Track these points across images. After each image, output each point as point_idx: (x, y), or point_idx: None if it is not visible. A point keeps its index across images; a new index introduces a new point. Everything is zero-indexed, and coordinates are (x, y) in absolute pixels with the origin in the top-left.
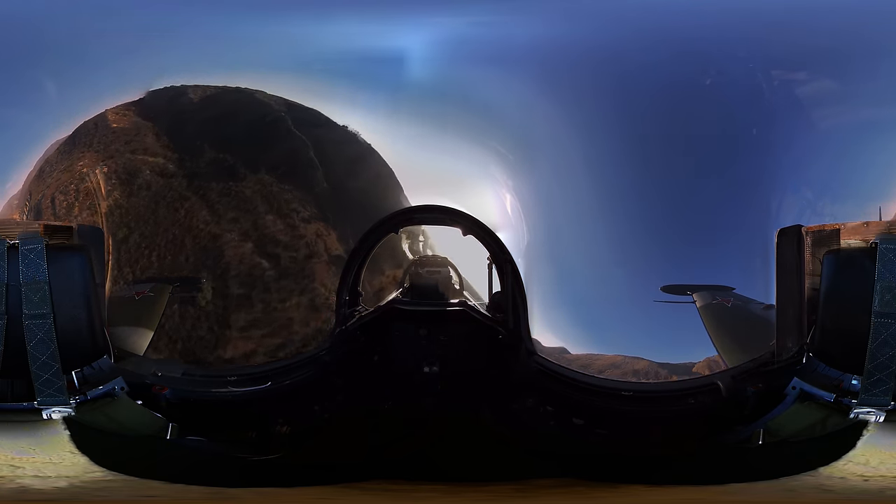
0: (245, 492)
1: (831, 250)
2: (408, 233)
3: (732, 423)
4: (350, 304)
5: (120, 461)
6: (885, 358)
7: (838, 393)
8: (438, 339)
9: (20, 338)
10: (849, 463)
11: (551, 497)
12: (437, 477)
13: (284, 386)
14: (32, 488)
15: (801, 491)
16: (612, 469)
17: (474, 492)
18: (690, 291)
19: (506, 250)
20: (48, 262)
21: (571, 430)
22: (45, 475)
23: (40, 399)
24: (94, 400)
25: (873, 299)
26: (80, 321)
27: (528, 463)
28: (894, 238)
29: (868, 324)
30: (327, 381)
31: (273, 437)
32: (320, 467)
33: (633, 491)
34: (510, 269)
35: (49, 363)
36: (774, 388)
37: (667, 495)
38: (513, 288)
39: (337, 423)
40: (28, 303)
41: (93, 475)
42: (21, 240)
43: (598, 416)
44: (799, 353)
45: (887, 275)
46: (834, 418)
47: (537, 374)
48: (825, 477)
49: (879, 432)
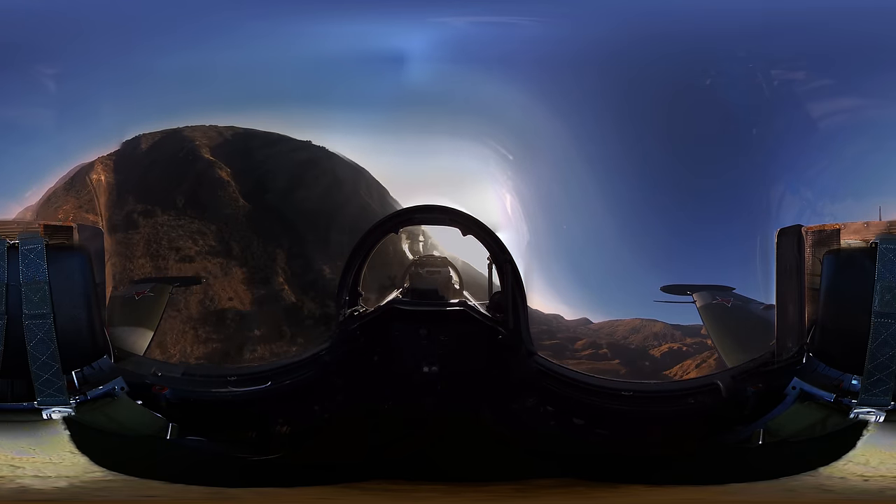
0: (245, 492)
1: (831, 250)
2: (408, 233)
3: (732, 423)
4: (350, 304)
5: (120, 461)
6: (885, 358)
7: (838, 393)
8: (438, 338)
9: (20, 338)
10: (849, 463)
11: (551, 497)
12: (437, 477)
13: (284, 386)
14: (32, 488)
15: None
16: (612, 469)
17: (474, 492)
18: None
19: (506, 250)
20: (48, 262)
21: (571, 430)
22: (45, 475)
23: (40, 399)
24: (94, 400)
25: (873, 299)
26: (80, 321)
27: (528, 463)
28: (894, 238)
29: (868, 324)
30: (327, 381)
31: (273, 437)
32: (320, 467)
33: (633, 491)
34: (510, 269)
35: (49, 363)
36: (774, 388)
37: (667, 495)
38: (513, 288)
39: (337, 423)
40: (28, 303)
41: (93, 475)
42: (21, 240)
43: (598, 416)
44: (799, 353)
45: (887, 275)
46: (834, 418)
47: (537, 374)
48: (825, 477)
49: (879, 432)
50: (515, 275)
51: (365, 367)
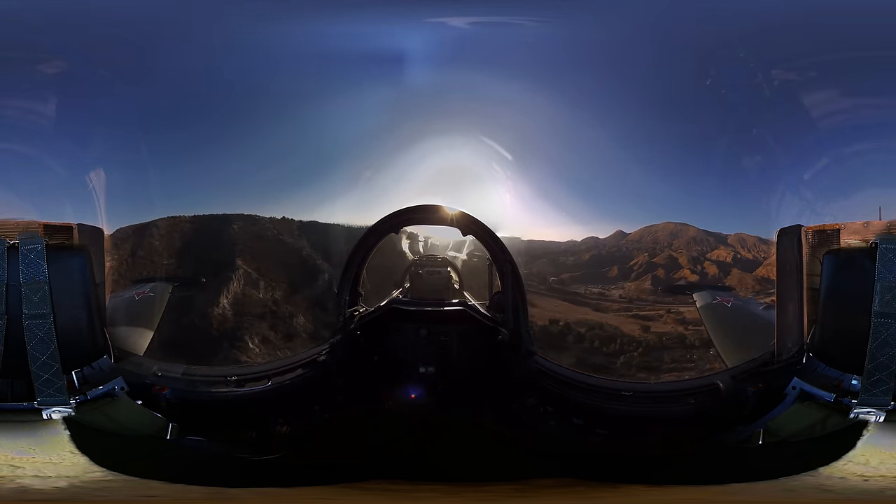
0: (245, 492)
1: (831, 250)
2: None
3: (732, 423)
4: (350, 304)
5: (120, 461)
6: (885, 358)
7: (838, 393)
8: (438, 338)
9: (20, 338)
10: (849, 463)
11: (551, 497)
12: (437, 477)
13: (284, 386)
14: (32, 488)
15: (801, 491)
16: (612, 469)
17: (474, 492)
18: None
19: (506, 250)
20: (48, 262)
21: (571, 430)
22: (45, 475)
23: (40, 399)
24: (94, 400)
25: (873, 299)
26: (80, 321)
27: (528, 463)
28: (894, 238)
29: (868, 324)
30: (327, 381)
31: (273, 437)
32: (320, 467)
33: (633, 491)
34: (510, 270)
35: (49, 363)
36: (774, 388)
37: (667, 495)
38: (513, 288)
39: (337, 423)
40: (28, 303)
41: (93, 475)
42: (21, 240)
43: (598, 416)
44: (799, 353)
45: (887, 275)
46: (834, 418)
47: (537, 374)
48: (825, 477)
49: (879, 432)
50: (515, 275)
51: (365, 367)
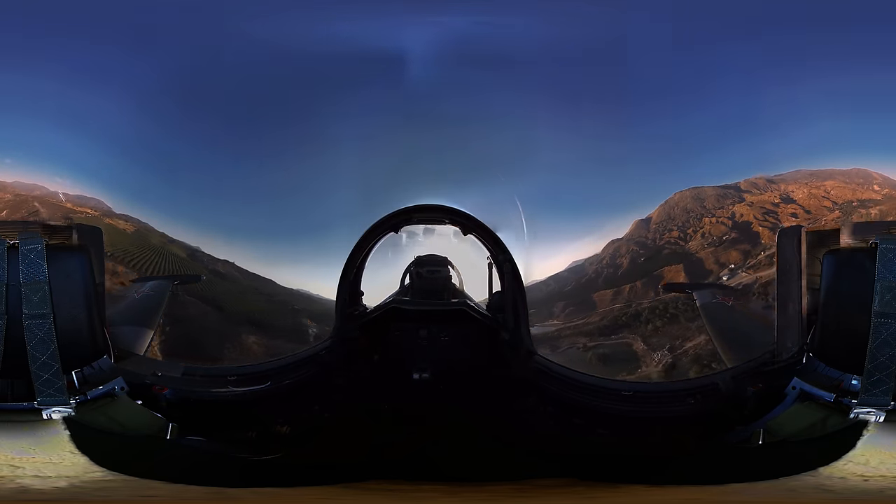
0: (245, 492)
1: (831, 250)
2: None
3: (732, 423)
4: (350, 303)
5: (120, 461)
6: (885, 358)
7: (838, 393)
8: (439, 338)
9: (20, 338)
10: (849, 463)
11: (551, 497)
12: (437, 477)
13: (284, 386)
14: (32, 488)
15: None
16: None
17: (474, 492)
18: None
19: (506, 250)
20: (48, 262)
21: (571, 430)
22: (45, 475)
23: (40, 399)
24: (94, 400)
25: (873, 299)
26: (80, 321)
27: (528, 463)
28: (894, 238)
29: (868, 324)
30: (327, 380)
31: (273, 437)
32: (320, 467)
33: (633, 491)
34: (510, 269)
35: (49, 363)
36: (774, 388)
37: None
38: (513, 288)
39: (337, 423)
40: (28, 303)
41: (93, 475)
42: (21, 240)
43: (598, 416)
44: (799, 353)
45: (887, 275)
46: (834, 418)
47: (537, 374)
48: (825, 477)
49: (879, 432)
50: (515, 275)
51: (365, 367)
